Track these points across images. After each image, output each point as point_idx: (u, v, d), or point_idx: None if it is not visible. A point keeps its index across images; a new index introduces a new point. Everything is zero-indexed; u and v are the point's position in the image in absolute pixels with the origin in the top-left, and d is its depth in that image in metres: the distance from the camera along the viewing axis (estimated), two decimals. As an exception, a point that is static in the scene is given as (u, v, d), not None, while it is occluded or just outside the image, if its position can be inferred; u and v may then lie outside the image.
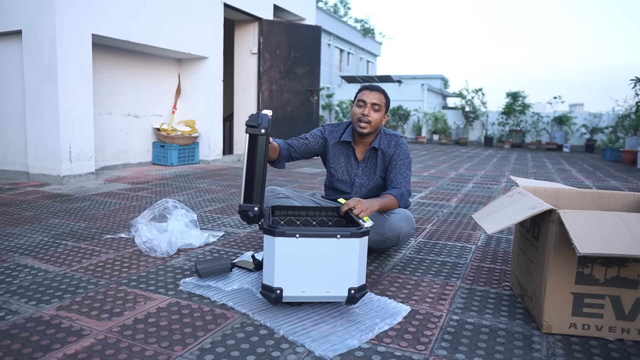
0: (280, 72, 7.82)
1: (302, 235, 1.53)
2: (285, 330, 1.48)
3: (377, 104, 2.20)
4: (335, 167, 2.37)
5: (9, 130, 4.87)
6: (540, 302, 1.54)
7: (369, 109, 2.19)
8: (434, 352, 1.38)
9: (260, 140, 1.59)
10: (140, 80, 6.15)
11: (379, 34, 34.46)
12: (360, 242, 1.56)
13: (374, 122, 2.21)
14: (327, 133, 2.38)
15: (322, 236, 1.54)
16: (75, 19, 4.52)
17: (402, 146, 2.30)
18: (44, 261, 2.15)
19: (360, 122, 2.21)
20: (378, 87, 2.25)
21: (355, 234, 1.54)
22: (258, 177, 1.61)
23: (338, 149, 2.36)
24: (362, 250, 1.57)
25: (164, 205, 2.46)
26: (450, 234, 2.85)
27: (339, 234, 1.53)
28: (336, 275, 1.56)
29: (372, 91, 2.21)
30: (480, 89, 15.90)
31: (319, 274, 1.56)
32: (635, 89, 8.35)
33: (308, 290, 1.56)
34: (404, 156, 2.28)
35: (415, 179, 5.57)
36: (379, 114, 2.21)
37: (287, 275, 1.55)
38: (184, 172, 5.65)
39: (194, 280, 1.90)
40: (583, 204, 1.91)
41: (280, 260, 1.54)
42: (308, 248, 1.54)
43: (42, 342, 1.39)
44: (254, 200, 1.62)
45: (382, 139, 2.31)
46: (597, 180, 6.12)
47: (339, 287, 1.56)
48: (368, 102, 2.20)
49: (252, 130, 1.58)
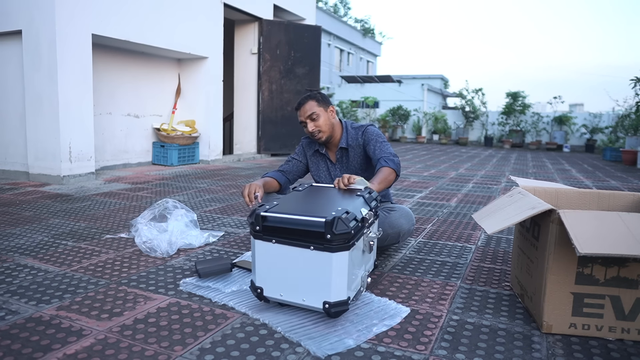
0: (280, 72, 7.82)
1: (278, 242, 1.54)
2: (284, 328, 1.48)
3: (312, 113, 2.23)
4: (319, 175, 2.43)
5: (9, 130, 4.87)
6: (540, 302, 1.54)
7: (310, 124, 2.24)
8: (434, 352, 1.38)
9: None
10: (140, 80, 6.14)
11: (379, 34, 34.50)
12: (335, 257, 1.46)
13: (323, 126, 2.25)
14: (305, 146, 2.47)
15: (296, 245, 1.51)
16: (75, 19, 4.52)
17: (370, 130, 2.30)
18: (44, 261, 2.15)
19: (314, 136, 2.28)
20: (304, 99, 2.28)
21: (330, 248, 1.45)
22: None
23: (316, 158, 2.44)
24: (339, 265, 1.47)
25: (164, 205, 2.46)
26: (450, 234, 2.85)
27: (313, 245, 1.48)
28: (311, 286, 1.52)
29: (302, 107, 2.26)
30: (480, 89, 15.89)
31: (294, 281, 1.55)
32: (635, 89, 8.35)
33: (285, 294, 1.57)
34: (374, 136, 2.27)
35: (415, 179, 5.57)
36: (321, 118, 2.24)
37: (266, 277, 1.59)
38: (184, 172, 5.65)
39: (194, 281, 1.90)
40: (583, 204, 1.91)
41: (259, 261, 1.59)
42: (283, 254, 1.54)
43: (42, 342, 1.39)
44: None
45: (350, 134, 2.33)
46: (597, 180, 6.12)
47: (314, 298, 1.52)
48: (304, 119, 2.26)
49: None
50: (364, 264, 1.71)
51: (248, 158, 7.59)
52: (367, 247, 1.68)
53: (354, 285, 1.58)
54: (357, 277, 1.62)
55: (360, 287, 1.65)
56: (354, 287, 1.59)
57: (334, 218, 1.45)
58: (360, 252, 1.63)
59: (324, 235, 1.45)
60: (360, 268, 1.66)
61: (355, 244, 1.54)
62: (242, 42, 7.87)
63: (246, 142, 7.97)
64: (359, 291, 1.65)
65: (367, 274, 1.71)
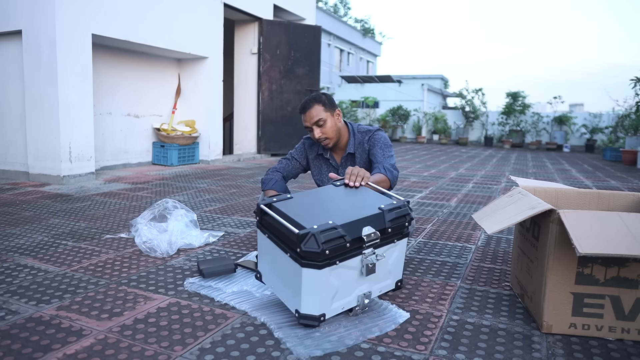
0: (280, 72, 7.82)
1: (269, 237, 1.58)
2: (283, 332, 1.48)
3: (318, 120, 2.14)
4: (321, 179, 2.36)
5: (9, 130, 4.87)
6: (540, 302, 1.54)
7: (316, 130, 2.16)
8: (434, 352, 1.38)
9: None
10: (140, 80, 6.14)
11: (379, 34, 34.53)
12: (305, 272, 1.40)
13: (330, 132, 2.17)
14: (307, 147, 2.38)
15: (279, 246, 1.52)
16: (75, 19, 4.52)
17: (377, 136, 2.22)
18: (44, 261, 2.15)
19: (321, 142, 2.19)
20: (308, 103, 2.17)
21: (299, 262, 1.40)
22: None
23: (318, 161, 2.36)
24: (309, 280, 1.41)
25: (164, 205, 2.46)
26: (450, 234, 2.85)
27: (290, 253, 1.45)
28: (288, 289, 1.52)
29: (307, 112, 2.16)
30: (480, 89, 15.89)
31: (279, 277, 1.57)
32: (635, 89, 8.35)
33: (274, 288, 1.62)
34: (381, 141, 2.19)
35: (415, 179, 5.57)
36: (327, 124, 2.15)
37: (264, 266, 1.67)
38: (184, 172, 5.65)
39: (197, 281, 1.90)
40: (583, 204, 1.91)
41: (259, 249, 1.68)
42: (272, 250, 1.58)
43: (42, 342, 1.39)
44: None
45: (357, 139, 2.25)
46: (597, 180, 6.12)
47: (290, 302, 1.52)
48: (310, 124, 2.16)
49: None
50: (366, 283, 1.57)
51: (248, 158, 7.59)
52: (365, 268, 1.51)
53: (338, 303, 1.50)
54: (349, 296, 1.53)
55: (356, 306, 1.56)
56: (340, 305, 1.51)
57: (306, 233, 1.38)
58: (353, 271, 1.51)
59: (296, 248, 1.41)
60: (355, 287, 1.54)
61: (339, 263, 1.44)
62: (242, 42, 7.87)
63: (246, 142, 7.97)
64: (354, 309, 1.57)
65: (372, 293, 1.60)
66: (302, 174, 2.47)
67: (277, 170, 2.35)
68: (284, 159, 2.39)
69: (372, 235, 1.50)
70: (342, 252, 1.44)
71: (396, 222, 1.58)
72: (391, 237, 1.59)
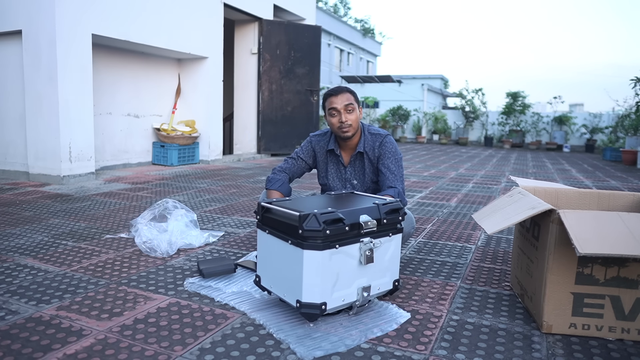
0: (280, 72, 7.82)
1: (270, 232, 1.60)
2: (281, 332, 1.48)
3: (350, 104, 2.14)
4: (326, 176, 2.33)
5: (9, 130, 4.87)
6: (540, 302, 1.54)
7: (344, 114, 2.14)
8: (434, 352, 1.38)
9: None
10: (140, 80, 6.14)
11: (379, 34, 34.50)
12: (306, 254, 1.43)
13: (354, 123, 2.16)
14: (314, 144, 2.35)
15: (280, 237, 1.54)
16: (75, 19, 4.52)
17: (388, 145, 2.21)
18: (44, 261, 2.15)
19: (342, 129, 2.16)
20: (342, 88, 2.19)
21: (301, 244, 1.44)
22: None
23: (326, 158, 2.33)
24: (311, 263, 1.44)
25: (164, 206, 2.46)
26: (450, 234, 2.85)
27: (291, 240, 1.48)
28: (289, 282, 1.52)
29: (339, 94, 2.15)
30: (480, 89, 15.89)
31: (279, 273, 1.57)
32: (635, 89, 8.35)
33: (274, 287, 1.62)
34: (392, 154, 2.19)
35: (415, 179, 5.57)
36: (354, 113, 2.16)
37: (262, 266, 1.66)
38: (184, 172, 5.65)
39: (197, 281, 1.90)
40: (583, 204, 1.91)
41: (259, 250, 1.68)
42: (272, 245, 1.59)
43: (42, 342, 1.39)
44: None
45: (367, 140, 2.24)
46: (597, 180, 6.12)
47: (291, 295, 1.52)
48: (340, 107, 2.14)
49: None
50: (365, 276, 1.59)
51: (248, 158, 7.59)
52: (364, 257, 1.55)
53: (338, 293, 1.51)
54: (349, 287, 1.54)
55: (356, 300, 1.57)
56: (340, 296, 1.52)
57: (307, 214, 1.45)
58: (352, 259, 1.54)
59: (298, 230, 1.45)
60: (354, 278, 1.56)
61: (339, 247, 1.48)
62: (242, 42, 7.87)
63: (246, 142, 7.97)
64: (354, 303, 1.57)
65: (371, 289, 1.60)
66: (300, 177, 2.43)
67: (284, 170, 2.30)
68: (289, 158, 2.36)
69: (369, 223, 1.56)
70: (342, 235, 1.50)
71: (390, 215, 1.65)
72: (386, 230, 1.65)
